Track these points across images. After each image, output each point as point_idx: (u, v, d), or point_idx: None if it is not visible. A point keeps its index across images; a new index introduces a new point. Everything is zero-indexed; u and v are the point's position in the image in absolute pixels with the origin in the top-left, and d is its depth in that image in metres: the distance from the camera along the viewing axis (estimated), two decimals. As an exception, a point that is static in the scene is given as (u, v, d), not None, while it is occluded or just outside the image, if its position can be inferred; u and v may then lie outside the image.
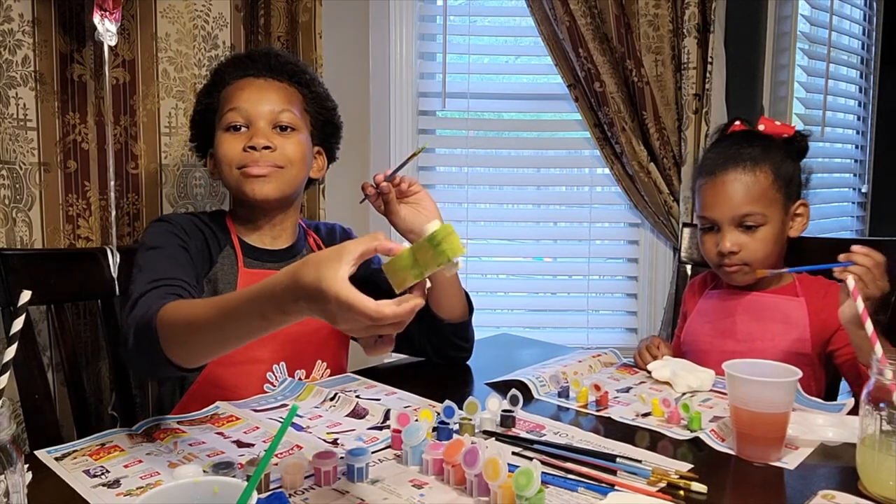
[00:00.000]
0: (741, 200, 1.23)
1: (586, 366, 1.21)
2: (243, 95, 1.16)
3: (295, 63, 1.23)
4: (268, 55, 1.21)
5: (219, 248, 1.19)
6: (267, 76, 1.19)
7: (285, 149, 1.15)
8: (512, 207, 2.08)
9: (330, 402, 1.04)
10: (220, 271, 1.17)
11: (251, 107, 1.15)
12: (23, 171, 1.35)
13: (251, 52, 1.27)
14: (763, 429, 0.84)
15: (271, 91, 1.18)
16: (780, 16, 2.07)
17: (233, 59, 1.25)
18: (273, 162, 1.14)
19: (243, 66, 1.20)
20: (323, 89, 1.26)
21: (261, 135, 1.14)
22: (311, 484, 0.78)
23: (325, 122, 1.25)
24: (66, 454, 0.86)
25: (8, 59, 1.31)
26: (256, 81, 1.18)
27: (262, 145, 1.13)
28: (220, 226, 1.22)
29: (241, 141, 1.14)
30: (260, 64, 1.19)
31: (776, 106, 2.11)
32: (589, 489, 0.76)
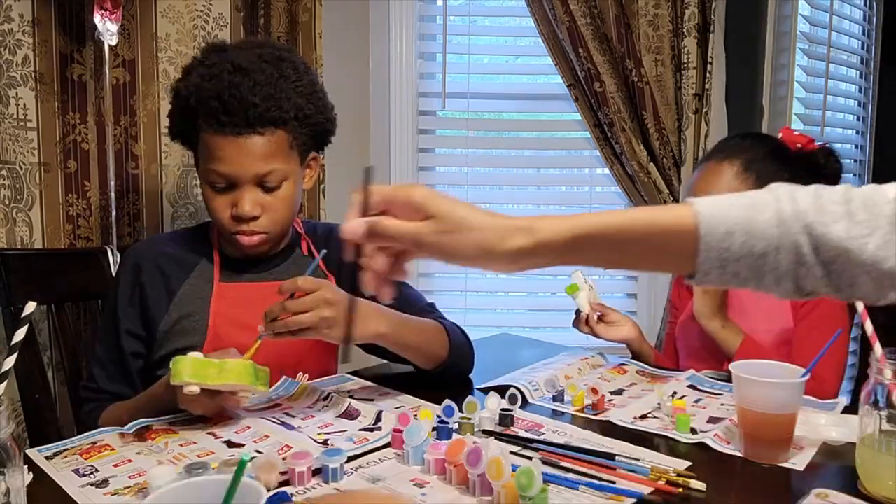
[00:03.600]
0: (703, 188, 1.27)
1: (575, 369, 1.20)
2: (222, 156, 1.05)
3: (276, 101, 1.06)
4: (243, 104, 1.03)
5: (192, 266, 1.16)
6: (246, 132, 1.05)
7: (274, 212, 1.10)
8: (512, 207, 2.08)
9: (323, 401, 1.04)
10: (187, 293, 1.14)
11: (232, 171, 1.06)
12: (23, 171, 1.35)
13: (223, 97, 1.03)
14: (771, 430, 0.84)
15: (254, 149, 1.05)
16: (780, 15, 2.07)
17: (204, 101, 1.05)
18: (262, 229, 1.10)
19: (218, 121, 1.04)
20: (314, 103, 1.12)
21: (246, 201, 1.07)
22: (315, 482, 0.78)
23: (318, 132, 1.17)
24: (56, 453, 0.86)
25: (8, 59, 1.32)
26: (236, 140, 1.05)
27: (248, 216, 1.08)
28: (201, 239, 1.19)
29: (227, 203, 1.09)
30: (237, 118, 1.04)
31: (776, 106, 2.11)
32: (590, 487, 0.76)
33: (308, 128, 1.12)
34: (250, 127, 1.04)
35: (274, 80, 1.06)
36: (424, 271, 2.02)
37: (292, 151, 1.11)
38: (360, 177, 0.65)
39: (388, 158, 1.95)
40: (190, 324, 1.12)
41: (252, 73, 1.05)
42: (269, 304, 1.12)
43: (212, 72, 1.06)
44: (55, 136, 1.40)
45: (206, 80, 1.06)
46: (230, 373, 0.89)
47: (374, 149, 1.95)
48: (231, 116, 1.03)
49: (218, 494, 0.56)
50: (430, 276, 2.03)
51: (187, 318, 1.12)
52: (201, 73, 1.07)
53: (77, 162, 1.43)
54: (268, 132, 1.06)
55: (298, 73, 1.11)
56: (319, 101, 1.14)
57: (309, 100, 1.10)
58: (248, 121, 1.04)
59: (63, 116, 1.41)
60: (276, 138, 1.07)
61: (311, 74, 1.14)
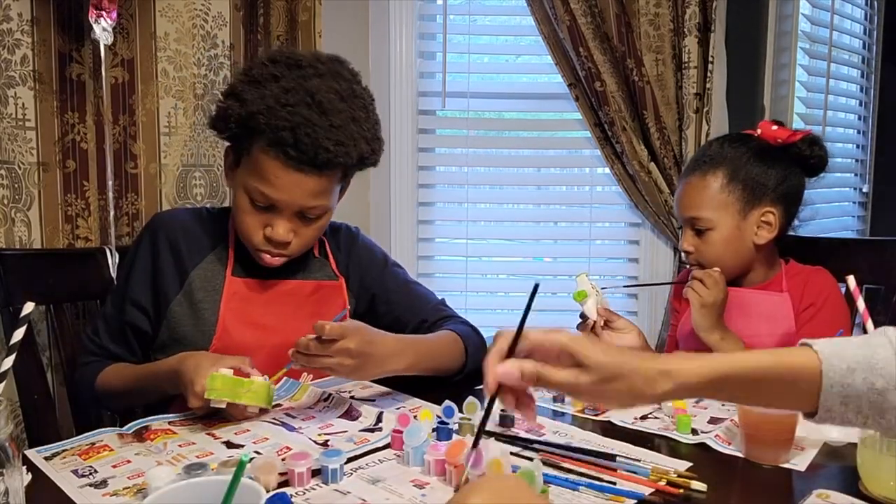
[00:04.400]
0: (689, 204, 1.28)
1: None
2: (276, 183, 1.04)
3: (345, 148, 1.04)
4: (315, 146, 1.01)
5: (209, 248, 1.17)
6: (309, 171, 1.04)
7: (304, 238, 1.11)
8: (512, 207, 2.08)
9: (324, 402, 1.04)
10: (200, 277, 1.14)
11: (281, 200, 1.05)
12: (21, 170, 1.35)
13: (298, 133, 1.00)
14: (772, 430, 0.84)
15: (309, 185, 1.05)
16: (781, 15, 2.07)
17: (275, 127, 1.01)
18: (289, 253, 1.12)
19: (285, 153, 1.02)
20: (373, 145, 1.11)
21: (282, 227, 1.07)
22: (316, 483, 0.78)
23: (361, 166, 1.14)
24: (55, 453, 0.86)
25: (7, 59, 1.31)
26: (295, 175, 1.03)
27: (282, 241, 1.09)
28: (222, 224, 1.20)
29: (262, 222, 1.08)
30: (306, 157, 1.02)
31: (777, 105, 2.11)
32: (590, 488, 0.76)
33: (361, 167, 1.13)
34: (317, 168, 1.04)
35: (347, 123, 1.05)
36: (424, 271, 2.02)
37: (338, 185, 1.12)
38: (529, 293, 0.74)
39: (388, 158, 1.94)
40: (200, 313, 1.13)
41: (329, 113, 1.03)
42: (279, 303, 1.16)
43: (288, 98, 1.02)
44: (54, 135, 1.39)
45: (281, 105, 1.02)
46: (255, 394, 0.93)
47: (374, 148, 1.94)
48: (301, 154, 1.01)
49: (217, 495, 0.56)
50: (431, 276, 2.03)
51: (197, 306, 1.13)
52: (276, 94, 1.03)
53: (76, 161, 1.43)
54: (327, 174, 1.06)
55: (367, 112, 1.10)
56: (376, 140, 1.12)
57: (370, 143, 1.10)
58: (315, 163, 1.03)
59: (62, 116, 1.40)
60: (332, 179, 1.08)
61: (374, 111, 1.14)
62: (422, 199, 1.99)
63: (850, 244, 1.67)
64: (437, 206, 2.04)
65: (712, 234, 1.25)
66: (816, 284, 1.26)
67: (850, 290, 0.93)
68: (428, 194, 2.01)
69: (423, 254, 2.01)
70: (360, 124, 1.07)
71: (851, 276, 0.95)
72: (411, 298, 1.28)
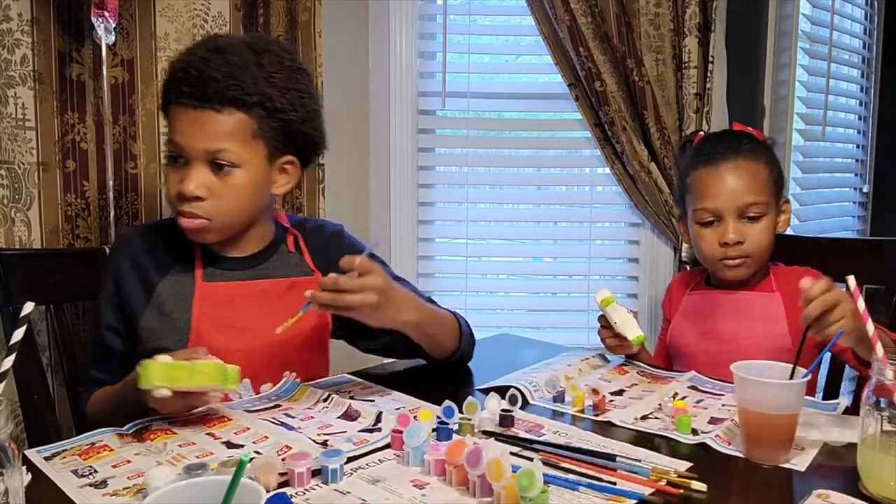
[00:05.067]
0: (746, 189, 1.22)
1: (576, 369, 1.20)
2: (177, 127, 1.04)
3: (239, 81, 1.02)
4: (202, 79, 1.01)
5: (172, 261, 1.13)
6: (203, 106, 1.02)
7: (219, 198, 1.05)
8: (512, 207, 2.08)
9: (323, 402, 1.04)
10: (167, 289, 1.11)
11: (184, 142, 1.03)
12: (21, 170, 1.35)
13: (189, 69, 1.02)
14: (772, 430, 0.84)
15: (207, 125, 1.02)
16: (782, 15, 2.07)
17: (173, 73, 1.05)
18: (203, 213, 1.05)
19: (180, 91, 1.03)
20: (290, 100, 1.08)
21: (192, 180, 1.03)
22: (315, 483, 0.78)
23: (292, 133, 1.10)
24: (55, 454, 0.86)
25: (7, 59, 1.31)
26: (192, 113, 1.02)
27: (190, 194, 1.03)
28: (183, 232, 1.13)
29: (178, 178, 1.05)
30: (196, 90, 1.01)
31: (777, 105, 2.11)
32: (590, 488, 0.76)
33: (279, 123, 1.07)
34: (208, 102, 1.01)
35: (246, 64, 1.04)
36: (424, 271, 2.02)
37: (255, 141, 1.06)
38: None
39: (388, 158, 1.94)
40: (172, 323, 1.09)
41: (227, 52, 1.03)
42: (253, 304, 1.12)
43: (192, 49, 1.07)
44: (54, 135, 1.39)
45: (184, 55, 1.06)
46: (200, 374, 0.89)
47: (374, 148, 1.95)
48: (192, 88, 1.01)
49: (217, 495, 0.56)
50: (431, 276, 2.03)
51: (168, 317, 1.10)
52: (184, 51, 1.08)
53: (76, 161, 1.43)
54: (226, 111, 1.02)
55: (281, 66, 1.07)
56: (299, 100, 1.09)
57: (283, 94, 1.06)
58: (205, 95, 1.01)
59: (62, 116, 1.41)
60: (234, 120, 1.03)
61: (299, 73, 1.11)
62: (422, 199, 1.99)
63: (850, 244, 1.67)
64: (437, 206, 2.04)
65: (765, 220, 1.23)
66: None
67: (850, 290, 0.92)
68: (428, 194, 2.01)
69: (423, 254, 2.01)
70: (265, 69, 1.05)
71: (851, 277, 0.95)
72: None
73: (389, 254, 1.97)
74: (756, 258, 1.24)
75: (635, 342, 1.21)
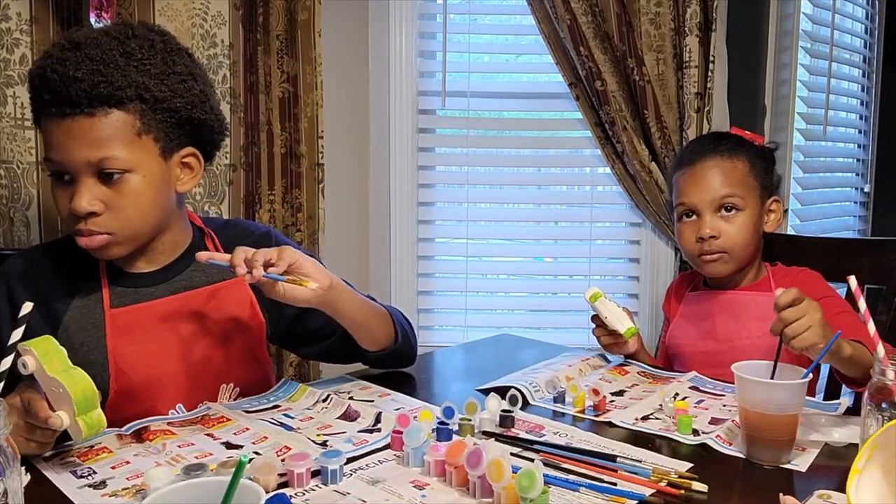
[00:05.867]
0: (720, 183, 1.26)
1: (576, 369, 1.20)
2: (50, 141, 0.92)
3: (106, 77, 0.91)
4: (63, 82, 0.89)
5: (76, 285, 1.02)
6: (71, 112, 0.90)
7: (117, 210, 0.94)
8: (512, 207, 2.08)
9: (322, 403, 1.03)
10: (75, 319, 1.00)
11: (62, 157, 0.92)
12: (20, 170, 1.35)
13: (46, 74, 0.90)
14: (773, 431, 0.84)
15: (82, 133, 0.91)
16: (783, 14, 2.07)
17: (31, 81, 0.94)
18: (102, 229, 0.94)
19: (41, 101, 0.92)
20: (171, 86, 0.96)
21: (82, 196, 0.92)
22: (315, 483, 0.78)
23: (183, 122, 0.99)
24: (54, 454, 0.86)
25: (6, 58, 1.31)
26: (62, 123, 0.90)
27: (82, 212, 0.92)
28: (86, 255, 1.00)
29: (67, 197, 0.94)
30: (59, 96, 0.89)
31: (778, 105, 2.10)
32: (591, 489, 0.75)
33: (164, 114, 0.96)
34: (74, 106, 0.89)
35: (111, 56, 0.92)
36: (424, 271, 2.01)
37: (142, 140, 0.95)
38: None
39: (388, 157, 1.94)
40: (85, 357, 0.97)
41: (85, 47, 0.91)
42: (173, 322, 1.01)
43: (48, 51, 0.93)
44: (53, 135, 1.39)
45: (40, 59, 0.94)
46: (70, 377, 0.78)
47: (374, 148, 1.94)
48: (53, 95, 0.90)
49: (216, 496, 0.55)
50: (430, 276, 2.02)
51: (80, 350, 0.98)
52: (41, 55, 0.95)
53: (75, 161, 1.43)
54: (99, 113, 0.91)
55: (153, 51, 0.96)
56: (180, 84, 0.97)
57: (162, 81, 0.95)
58: (70, 99, 0.89)
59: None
60: (112, 120, 0.92)
61: (177, 55, 0.99)
62: (422, 199, 1.99)
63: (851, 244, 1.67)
64: (437, 206, 2.04)
65: (741, 215, 1.26)
66: (807, 282, 1.25)
67: (851, 290, 0.92)
68: (428, 194, 2.01)
69: (423, 254, 2.01)
70: (133, 58, 0.93)
71: (853, 277, 0.94)
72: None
73: (390, 254, 1.97)
74: (734, 254, 1.26)
75: (627, 335, 1.22)
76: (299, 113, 1.65)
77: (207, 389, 1.05)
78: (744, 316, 1.27)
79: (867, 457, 0.66)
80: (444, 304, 2.06)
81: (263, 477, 0.75)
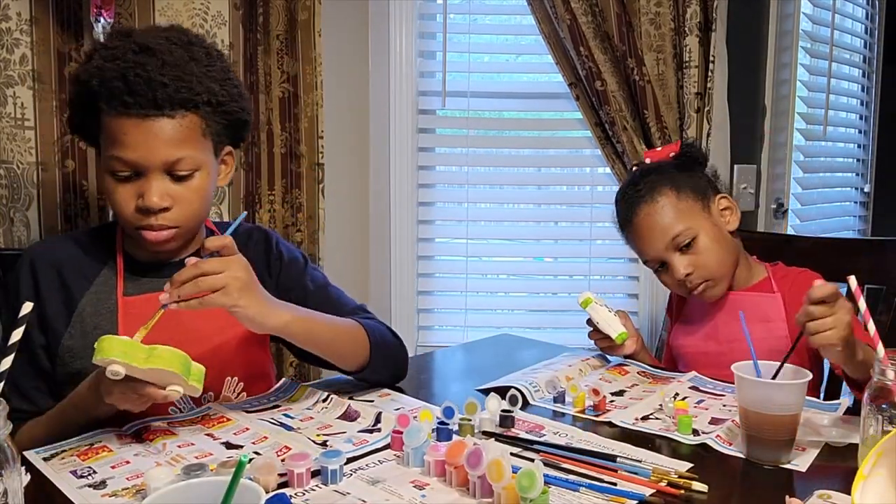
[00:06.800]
0: (662, 229, 1.26)
1: (576, 369, 1.20)
2: (127, 141, 0.96)
3: (186, 82, 0.97)
4: (150, 84, 0.94)
5: (93, 273, 1.07)
6: (154, 114, 0.95)
7: (185, 204, 1.00)
8: (512, 207, 2.08)
9: (322, 403, 1.04)
10: (91, 304, 1.05)
11: (138, 157, 0.96)
12: (20, 170, 1.35)
13: (128, 76, 0.94)
14: (773, 431, 0.84)
15: (162, 134, 0.96)
16: (783, 14, 2.07)
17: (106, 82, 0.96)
18: (171, 223, 1.00)
19: (122, 102, 0.95)
20: (228, 90, 1.04)
21: (154, 191, 0.97)
22: (315, 483, 0.78)
23: (233, 123, 1.07)
24: (54, 454, 0.86)
25: (6, 58, 1.31)
26: (142, 124, 0.95)
27: (156, 207, 0.98)
28: (104, 242, 1.08)
29: (132, 193, 0.98)
30: (143, 98, 0.94)
31: (778, 105, 2.10)
32: (591, 489, 0.75)
33: (222, 116, 1.03)
34: (159, 109, 0.95)
35: (184, 61, 0.98)
36: (424, 271, 2.01)
37: (205, 140, 1.02)
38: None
39: (388, 157, 1.94)
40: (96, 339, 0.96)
41: (160, 53, 0.97)
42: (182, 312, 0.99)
43: (114, 53, 0.97)
44: (53, 135, 1.39)
45: (109, 60, 0.97)
46: (159, 358, 0.82)
47: (374, 148, 1.94)
48: (137, 97, 0.94)
49: (216, 496, 0.55)
50: (430, 276, 2.02)
51: (93, 333, 1.02)
52: (103, 56, 0.98)
53: (75, 161, 1.42)
54: (178, 115, 0.97)
55: (211, 57, 1.03)
56: (234, 88, 1.05)
57: (222, 85, 1.02)
58: (156, 102, 0.95)
59: (61, 115, 1.40)
60: (187, 122, 0.98)
61: (223, 60, 1.07)
62: (422, 199, 1.99)
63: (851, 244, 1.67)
64: (437, 206, 2.04)
65: (700, 239, 1.25)
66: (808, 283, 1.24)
67: (851, 290, 0.92)
68: (428, 194, 2.01)
69: (423, 254, 2.01)
70: (201, 64, 1.00)
71: (852, 277, 0.95)
72: (330, 301, 1.18)
73: (390, 254, 1.97)
74: (717, 274, 1.26)
75: (619, 339, 1.23)
76: (299, 113, 1.65)
77: (212, 380, 1.06)
78: (745, 317, 1.26)
79: (873, 462, 0.66)
80: (444, 304, 2.06)
81: (263, 477, 0.75)
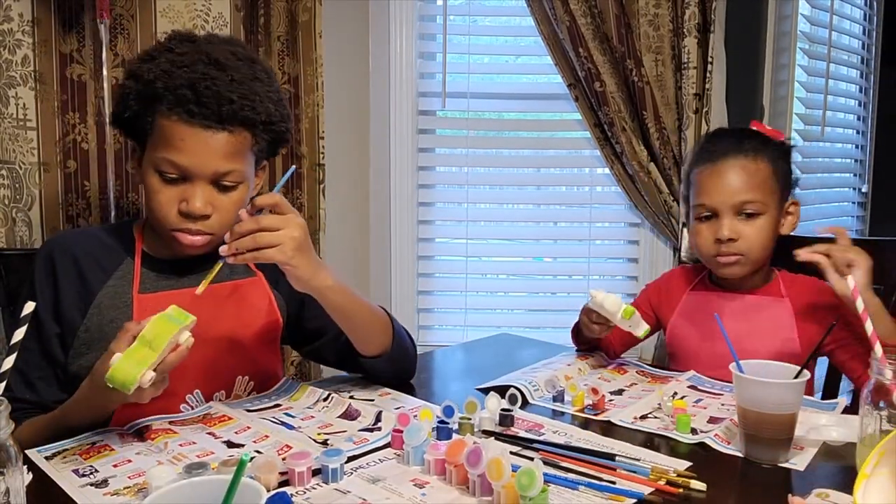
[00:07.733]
0: (742, 187, 1.22)
1: (575, 369, 1.20)
2: (184, 147, 0.97)
3: (251, 102, 1.00)
4: (219, 98, 0.97)
5: (112, 268, 1.07)
6: (216, 127, 0.98)
7: (224, 213, 1.02)
8: (512, 207, 2.08)
9: (323, 402, 1.04)
10: (108, 297, 1.05)
11: (192, 165, 0.98)
12: (22, 170, 1.36)
13: (197, 87, 0.97)
14: (771, 430, 0.84)
15: (218, 146, 0.98)
16: (781, 15, 2.07)
17: (174, 88, 0.97)
18: (209, 230, 1.02)
19: (187, 111, 0.97)
20: (281, 111, 1.07)
21: (199, 198, 0.99)
22: (316, 482, 0.78)
23: (277, 140, 1.10)
24: (56, 453, 0.86)
25: (8, 59, 1.32)
26: (202, 133, 0.97)
27: (199, 213, 0.99)
28: (123, 239, 1.10)
29: (176, 197, 1.00)
30: (208, 111, 0.97)
31: (776, 106, 2.11)
32: (590, 487, 0.76)
33: (271, 134, 1.06)
34: (221, 123, 0.98)
35: (249, 80, 1.01)
36: (424, 271, 2.02)
37: (251, 155, 1.05)
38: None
39: (388, 158, 1.95)
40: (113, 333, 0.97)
41: (229, 68, 0.99)
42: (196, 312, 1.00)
43: (184, 60, 0.99)
44: (55, 135, 1.40)
45: (178, 66, 0.98)
46: (158, 337, 0.83)
47: (374, 148, 1.95)
48: (203, 108, 0.96)
49: (218, 494, 0.56)
50: (430, 276, 2.03)
51: (108, 326, 1.03)
52: (171, 59, 0.99)
53: (77, 162, 1.43)
54: (237, 132, 1.00)
55: (270, 77, 1.07)
56: (284, 109, 1.08)
57: (277, 106, 1.05)
58: (220, 116, 0.97)
59: (63, 116, 1.41)
60: (241, 138, 1.01)
61: (275, 80, 1.10)
62: (422, 199, 1.99)
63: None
64: (437, 206, 2.04)
65: (761, 219, 1.22)
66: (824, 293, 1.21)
67: (850, 290, 0.93)
68: (428, 194, 2.01)
69: (423, 254, 2.01)
70: (263, 84, 1.03)
71: (851, 277, 0.95)
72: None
73: (390, 254, 1.98)
74: (751, 257, 1.23)
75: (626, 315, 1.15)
76: (300, 114, 1.66)
77: (224, 379, 1.09)
78: (752, 319, 1.25)
79: (875, 462, 0.66)
80: (443, 304, 2.06)
81: (264, 475, 0.76)
